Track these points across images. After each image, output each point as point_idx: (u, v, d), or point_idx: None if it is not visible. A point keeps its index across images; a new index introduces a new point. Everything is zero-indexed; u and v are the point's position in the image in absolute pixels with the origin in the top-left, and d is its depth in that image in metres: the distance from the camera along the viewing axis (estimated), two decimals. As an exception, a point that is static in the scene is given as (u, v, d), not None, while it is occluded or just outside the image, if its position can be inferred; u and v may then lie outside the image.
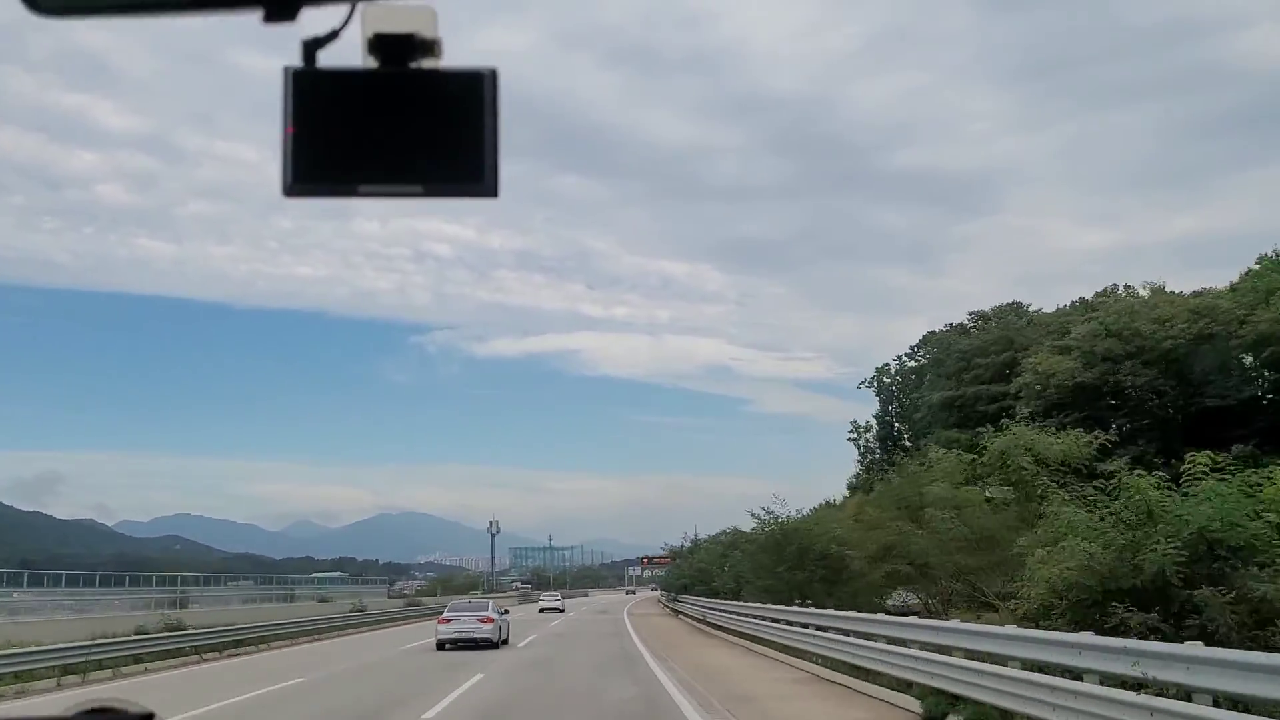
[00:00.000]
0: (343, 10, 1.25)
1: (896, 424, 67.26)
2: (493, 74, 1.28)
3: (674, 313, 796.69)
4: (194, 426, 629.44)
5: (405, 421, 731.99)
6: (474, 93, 1.27)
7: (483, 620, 27.64)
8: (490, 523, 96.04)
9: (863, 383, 70.78)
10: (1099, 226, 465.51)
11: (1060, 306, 52.98)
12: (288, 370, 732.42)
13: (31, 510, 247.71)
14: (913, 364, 68.32)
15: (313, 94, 1.26)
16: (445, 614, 28.70)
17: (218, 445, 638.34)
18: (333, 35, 1.25)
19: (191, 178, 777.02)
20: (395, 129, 1.26)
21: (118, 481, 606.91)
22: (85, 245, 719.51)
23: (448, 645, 27.05)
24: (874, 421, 69.09)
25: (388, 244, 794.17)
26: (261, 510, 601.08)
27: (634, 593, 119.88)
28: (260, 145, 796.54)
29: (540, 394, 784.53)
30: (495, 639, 27.66)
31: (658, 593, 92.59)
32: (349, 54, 1.27)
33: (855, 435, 69.53)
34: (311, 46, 1.25)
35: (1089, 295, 50.82)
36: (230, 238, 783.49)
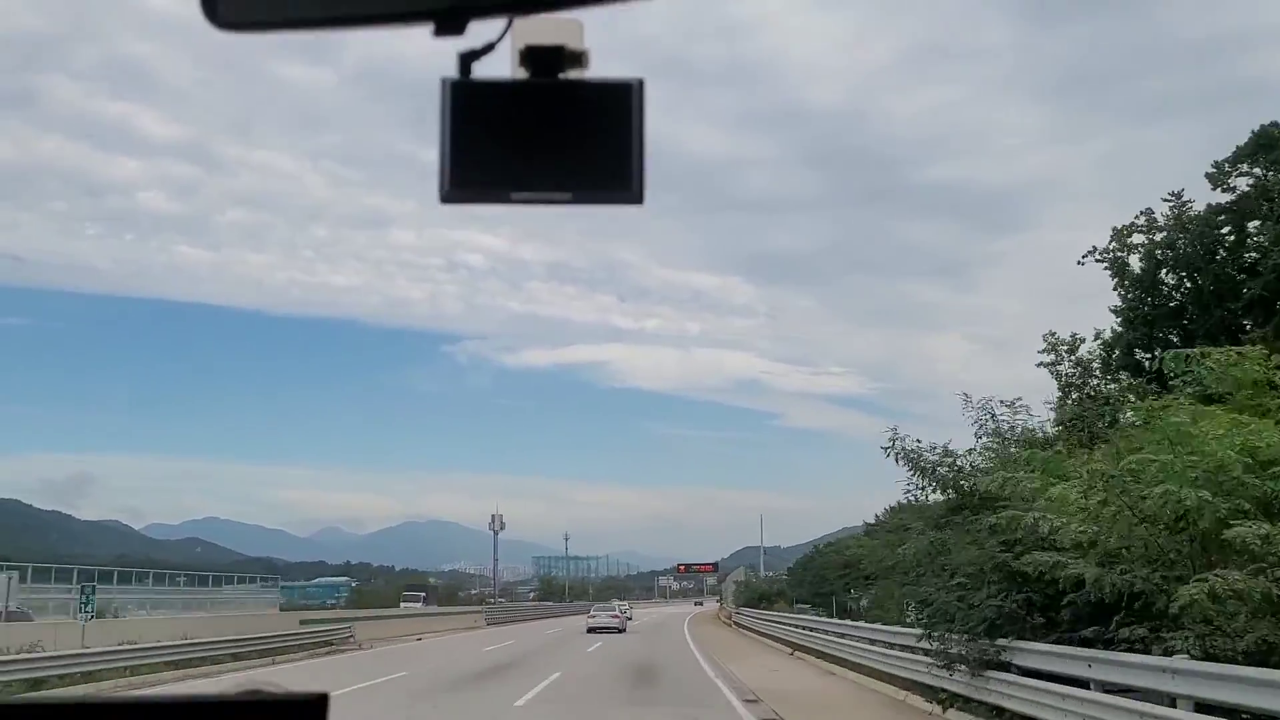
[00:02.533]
0: (499, 23, 1.28)
1: (1158, 324, 36.20)
2: (640, 84, 1.30)
3: (704, 325, 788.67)
4: (226, 431, 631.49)
5: (433, 430, 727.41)
6: (622, 103, 1.29)
7: (613, 616, 46.44)
8: (492, 517, 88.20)
9: (1089, 253, 36.68)
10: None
11: None
12: (319, 377, 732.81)
13: (51, 510, 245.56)
14: (1223, 197, 34.81)
15: (469, 104, 1.28)
16: (591, 612, 49.06)
17: (249, 450, 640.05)
18: (489, 48, 1.28)
19: (230, 186, 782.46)
20: (546, 138, 1.28)
21: (150, 485, 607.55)
22: (126, 252, 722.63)
23: (589, 631, 42.62)
24: (1116, 325, 36.76)
25: (422, 253, 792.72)
26: (290, 516, 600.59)
27: (701, 604, 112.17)
28: (297, 155, 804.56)
29: (569, 405, 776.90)
30: (622, 627, 44.99)
31: (720, 606, 79.28)
32: (498, 66, 1.29)
33: (1053, 356, 34.44)
34: (467, 59, 1.27)
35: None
36: (266, 246, 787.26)
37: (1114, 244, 37.07)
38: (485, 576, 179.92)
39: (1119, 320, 36.43)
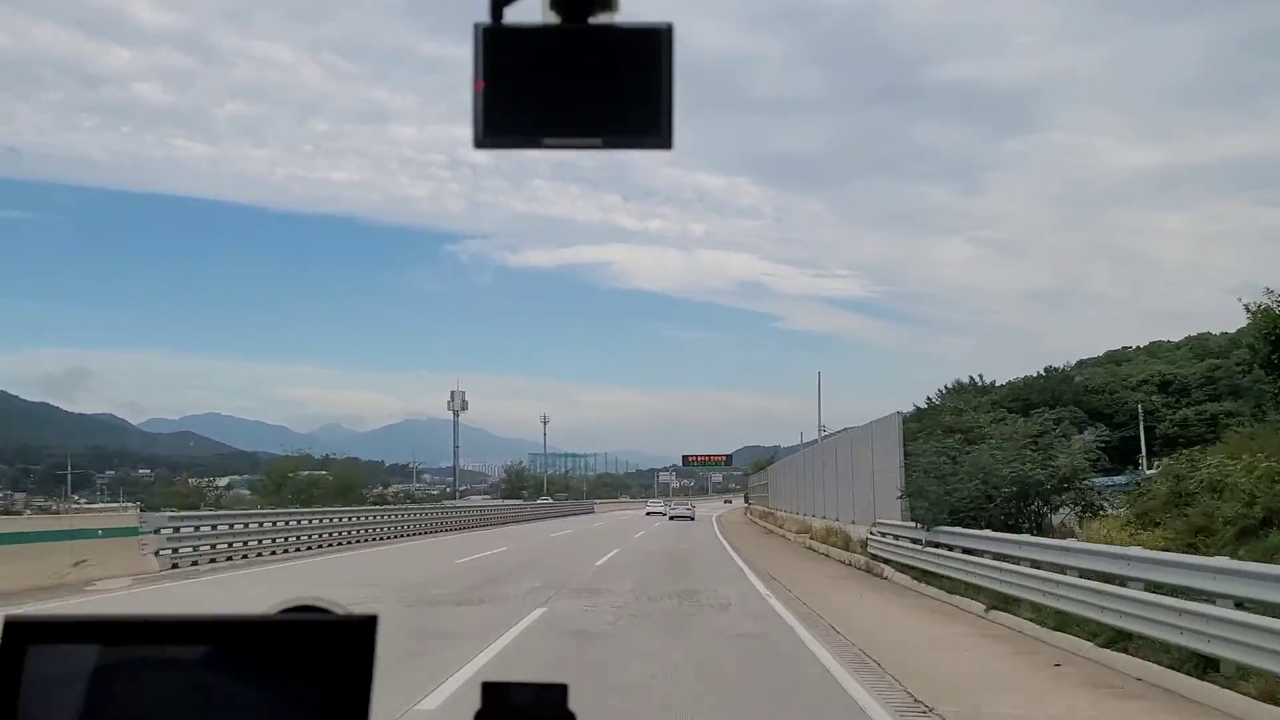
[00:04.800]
0: None
1: None
2: (668, 29, 1.31)
3: (708, 227, 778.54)
4: (229, 328, 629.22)
5: (435, 329, 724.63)
6: (651, 47, 1.30)
7: (687, 509, 63.64)
8: (452, 394, 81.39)
9: None
10: (1148, 145, 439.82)
11: None
12: (323, 275, 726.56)
13: (39, 402, 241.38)
14: None
15: (501, 50, 1.29)
16: (673, 505, 70.66)
17: (252, 347, 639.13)
18: None
19: (228, 78, 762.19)
20: (577, 83, 1.30)
21: (152, 380, 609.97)
22: (123, 144, 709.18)
23: (671, 519, 58.62)
24: None
25: (423, 150, 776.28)
26: (292, 413, 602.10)
27: (730, 502, 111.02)
28: (296, 47, 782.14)
29: (571, 305, 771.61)
30: (693, 516, 59.97)
31: (748, 508, 73.15)
32: (530, 12, 1.31)
33: None
34: (499, 4, 1.30)
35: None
36: (266, 140, 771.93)
37: None
38: (481, 473, 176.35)
39: None
